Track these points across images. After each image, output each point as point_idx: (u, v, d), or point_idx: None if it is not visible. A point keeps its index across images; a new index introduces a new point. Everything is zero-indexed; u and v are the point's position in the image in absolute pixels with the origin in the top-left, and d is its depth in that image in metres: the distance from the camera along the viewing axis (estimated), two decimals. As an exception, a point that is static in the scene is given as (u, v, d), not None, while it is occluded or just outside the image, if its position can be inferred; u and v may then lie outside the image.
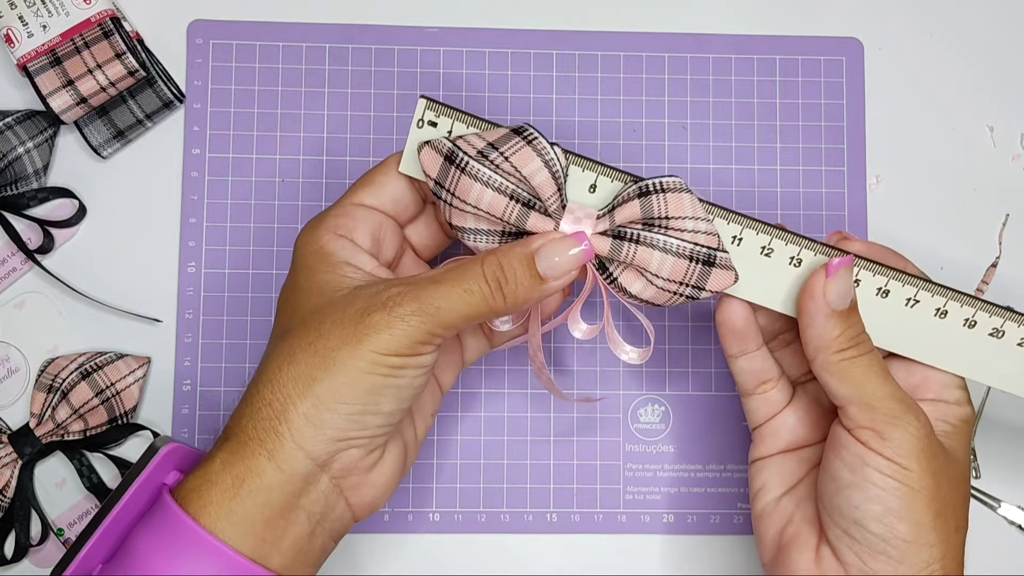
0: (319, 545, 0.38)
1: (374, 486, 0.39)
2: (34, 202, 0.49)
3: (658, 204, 0.38)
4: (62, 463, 0.49)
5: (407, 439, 0.41)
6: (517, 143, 0.38)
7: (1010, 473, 0.51)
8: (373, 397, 0.37)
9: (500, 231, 0.39)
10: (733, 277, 0.39)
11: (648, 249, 0.38)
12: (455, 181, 0.38)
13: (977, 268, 0.52)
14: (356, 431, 0.37)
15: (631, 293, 0.39)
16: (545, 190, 0.38)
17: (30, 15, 0.48)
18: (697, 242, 0.38)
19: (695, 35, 0.53)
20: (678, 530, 0.50)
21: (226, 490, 0.36)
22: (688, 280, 0.39)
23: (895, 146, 0.53)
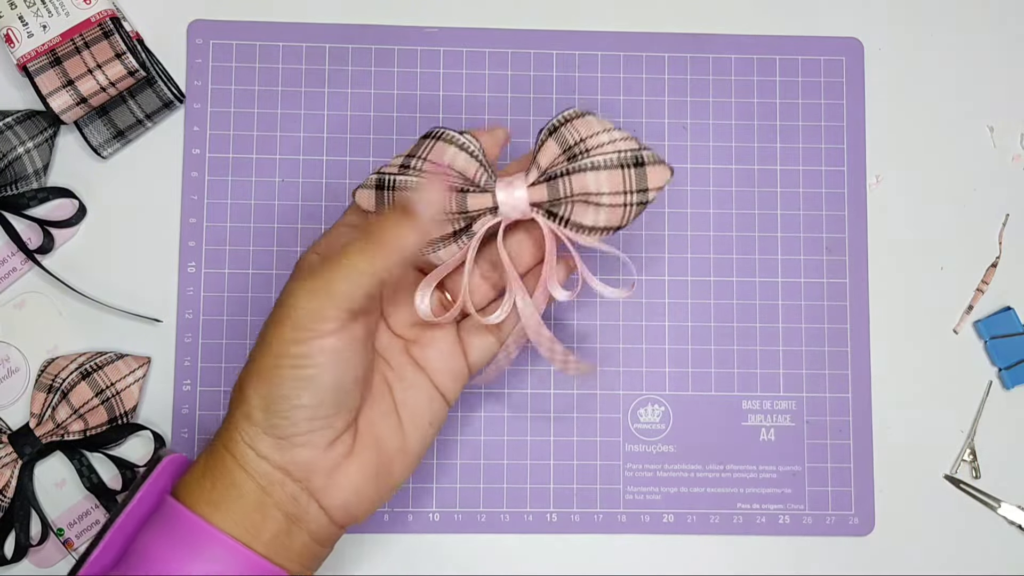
0: (300, 544, 0.39)
1: (342, 489, 0.39)
2: (34, 202, 0.49)
3: (569, 133, 0.40)
4: (62, 463, 0.49)
5: (387, 445, 0.40)
6: (428, 143, 0.40)
7: (1010, 473, 0.51)
8: (287, 390, 0.37)
9: (451, 230, 0.40)
10: (669, 171, 0.40)
11: (581, 175, 0.39)
12: (391, 200, 0.39)
13: (977, 268, 0.52)
14: (287, 427, 0.37)
15: (588, 226, 0.40)
16: (469, 170, 0.39)
17: (30, 15, 0.48)
18: (619, 149, 0.39)
19: (695, 35, 0.53)
20: (678, 530, 0.50)
21: (207, 487, 0.38)
22: (629, 187, 0.39)
23: (895, 146, 0.53)
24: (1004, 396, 0.52)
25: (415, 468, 0.42)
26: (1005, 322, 0.51)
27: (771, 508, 0.50)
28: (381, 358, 0.42)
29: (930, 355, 0.52)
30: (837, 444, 0.51)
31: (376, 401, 0.41)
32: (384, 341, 0.42)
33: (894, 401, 0.51)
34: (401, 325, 0.42)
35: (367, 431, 0.40)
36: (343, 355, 0.37)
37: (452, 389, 0.42)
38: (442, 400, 0.42)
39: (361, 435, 0.39)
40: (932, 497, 0.51)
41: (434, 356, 0.42)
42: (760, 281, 0.51)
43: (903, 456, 0.51)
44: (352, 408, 0.39)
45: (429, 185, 0.39)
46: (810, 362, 0.51)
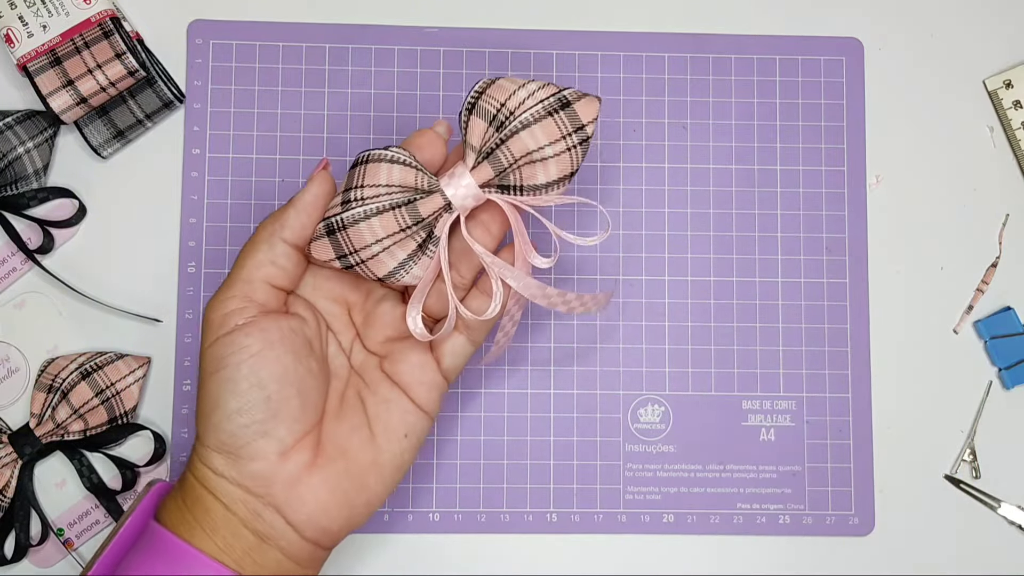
0: (273, 562, 0.39)
1: (306, 503, 0.39)
2: (34, 202, 0.49)
3: (488, 104, 0.39)
4: (62, 463, 0.49)
5: (357, 459, 0.40)
6: (360, 169, 0.40)
7: (1010, 473, 0.51)
8: (213, 397, 0.38)
9: (415, 245, 0.40)
10: (596, 100, 0.40)
11: (515, 137, 0.39)
12: (347, 240, 0.39)
13: (977, 268, 0.52)
14: (227, 438, 0.38)
15: (543, 184, 0.39)
16: (408, 179, 0.39)
17: (30, 15, 0.48)
18: (540, 99, 0.39)
19: (695, 35, 0.53)
20: (678, 530, 0.50)
21: (182, 510, 0.39)
22: (565, 130, 0.39)
23: (895, 146, 0.53)
24: (1004, 396, 0.52)
25: (395, 482, 0.41)
26: (1005, 322, 0.51)
27: (771, 508, 0.50)
28: (357, 375, 0.42)
29: (930, 355, 0.52)
30: (837, 444, 0.51)
31: (346, 416, 0.41)
32: (360, 359, 0.42)
33: (894, 401, 0.51)
34: (374, 342, 0.42)
35: (332, 444, 0.40)
36: (253, 350, 0.38)
37: (429, 400, 0.42)
38: (419, 412, 0.42)
39: (325, 448, 0.40)
40: (932, 497, 0.51)
41: (406, 370, 0.42)
42: (760, 281, 0.51)
43: (903, 456, 0.51)
44: (294, 417, 0.39)
45: (313, 179, 0.40)
46: (810, 362, 0.51)
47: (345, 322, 0.43)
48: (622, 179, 0.52)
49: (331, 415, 0.41)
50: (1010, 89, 0.52)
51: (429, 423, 0.42)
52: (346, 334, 0.43)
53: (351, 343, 0.43)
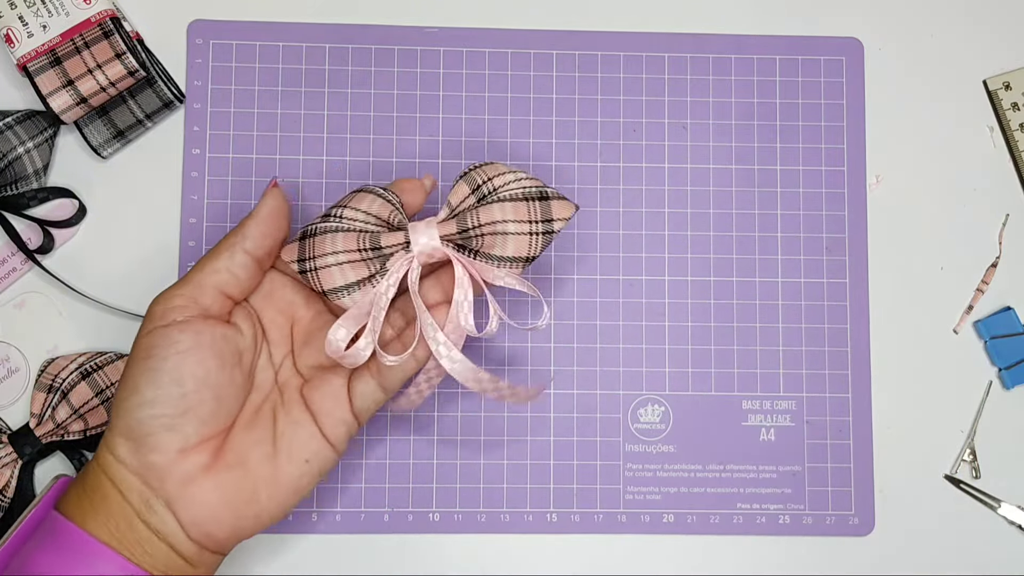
0: (163, 555, 0.40)
1: (195, 504, 0.39)
2: (34, 202, 0.49)
3: (479, 175, 0.42)
4: (62, 463, 0.49)
5: (255, 471, 0.41)
6: (352, 195, 0.42)
7: (1010, 473, 0.51)
8: (132, 383, 0.39)
9: (366, 273, 0.41)
10: (573, 206, 0.42)
11: (487, 207, 0.41)
12: (311, 246, 0.41)
13: (977, 268, 0.52)
14: (135, 425, 0.39)
15: (497, 256, 0.41)
16: (384, 212, 0.42)
17: (30, 15, 0.48)
18: (523, 186, 0.42)
19: (695, 35, 0.53)
20: (678, 530, 0.50)
21: (81, 498, 0.40)
22: (534, 217, 0.41)
23: (895, 146, 0.53)
24: (1004, 396, 0.52)
25: (289, 504, 0.42)
26: (1005, 322, 0.51)
27: (771, 508, 0.50)
28: (277, 391, 0.43)
29: (930, 355, 0.52)
30: (837, 444, 0.51)
31: (254, 427, 0.42)
32: (285, 376, 0.43)
33: (894, 401, 0.51)
34: (304, 365, 0.43)
35: (233, 454, 0.41)
36: (182, 348, 0.39)
37: (336, 434, 0.42)
38: (325, 443, 0.42)
39: (226, 455, 0.40)
40: (932, 497, 0.51)
41: (318, 398, 0.42)
42: (760, 281, 0.51)
43: (903, 456, 0.51)
44: (203, 420, 0.40)
45: (266, 194, 0.43)
46: (810, 362, 0.51)
47: (284, 336, 0.44)
48: (622, 179, 0.52)
49: (241, 424, 0.42)
50: (1009, 91, 0.52)
51: (334, 456, 0.42)
52: (281, 348, 0.43)
53: (282, 358, 0.43)
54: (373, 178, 0.51)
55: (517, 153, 0.51)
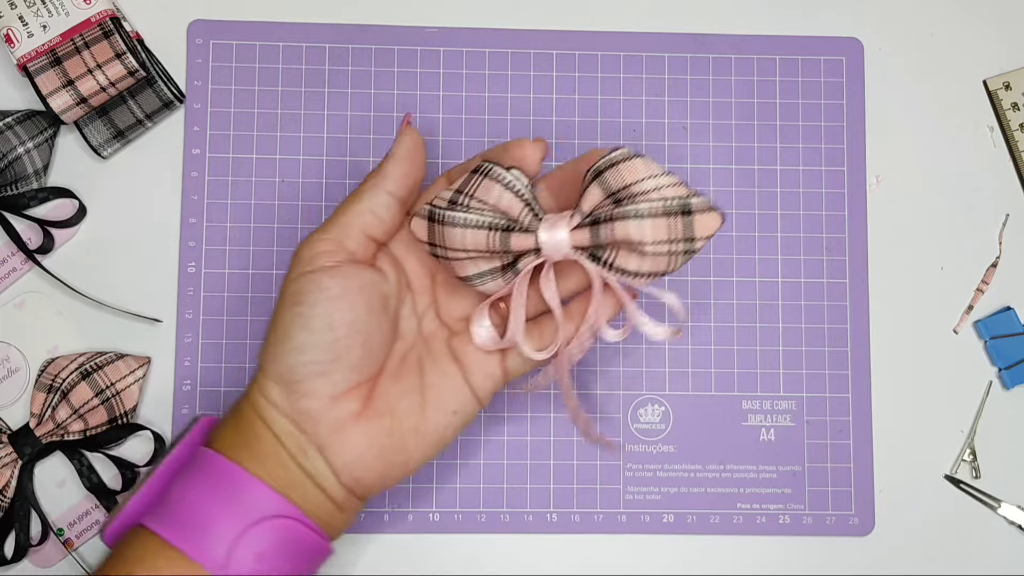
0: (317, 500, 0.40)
1: (346, 450, 0.40)
2: (34, 202, 0.49)
3: (614, 178, 0.38)
4: (62, 463, 0.49)
5: (403, 421, 0.41)
6: (476, 180, 0.40)
7: (1010, 473, 0.51)
8: (285, 329, 0.40)
9: (498, 265, 0.40)
10: (719, 218, 0.38)
11: (623, 222, 0.38)
12: (441, 235, 0.40)
13: (977, 268, 0.52)
14: (288, 371, 0.39)
15: (632, 271, 0.39)
16: (513, 209, 0.39)
17: (30, 15, 0.48)
18: (665, 197, 0.38)
19: (695, 35, 0.53)
20: (678, 530, 0.50)
21: (234, 438, 0.40)
22: (675, 236, 0.38)
23: (895, 146, 0.53)
24: (1004, 396, 0.52)
25: (434, 453, 0.42)
26: (1005, 322, 0.51)
27: (771, 508, 0.50)
28: (423, 341, 0.43)
29: (930, 355, 0.52)
30: (837, 444, 0.51)
31: (402, 377, 0.42)
32: (431, 327, 0.43)
33: (894, 401, 0.51)
34: (449, 316, 0.43)
35: (383, 401, 0.41)
36: (332, 293, 0.39)
37: (484, 388, 0.42)
38: (472, 395, 0.42)
39: (375, 403, 0.41)
40: (932, 497, 0.51)
41: (472, 351, 0.42)
42: (760, 281, 0.51)
43: (903, 456, 0.51)
44: (352, 366, 0.40)
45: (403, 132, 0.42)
46: (810, 362, 0.51)
47: (426, 286, 0.43)
48: (622, 179, 0.52)
49: (388, 374, 0.42)
50: (1009, 91, 0.52)
51: (478, 408, 0.43)
52: (423, 298, 0.43)
53: (425, 308, 0.43)
54: (373, 178, 0.51)
55: (517, 153, 0.51)
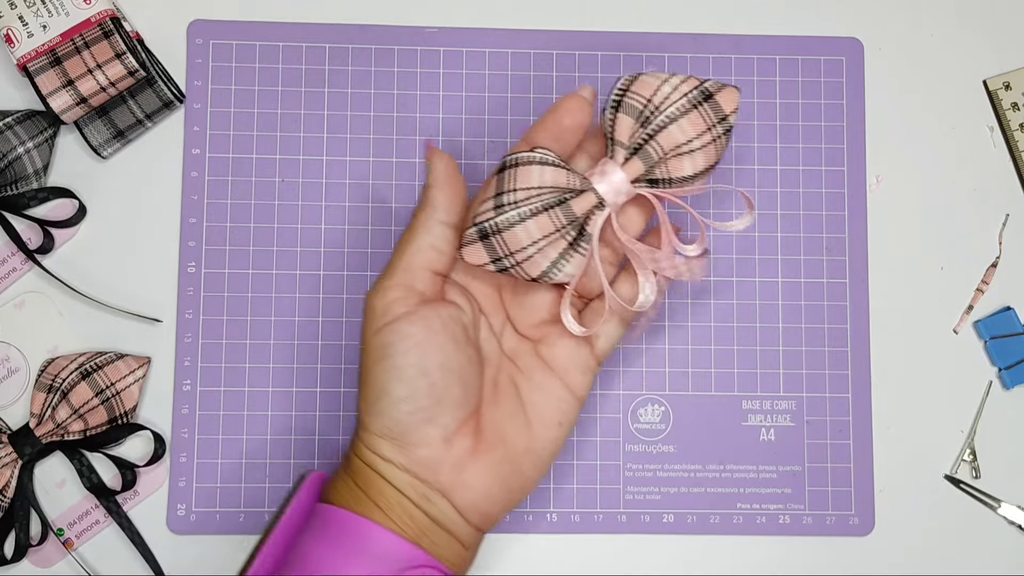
0: (445, 543, 0.40)
1: (470, 489, 0.40)
2: (34, 202, 0.49)
3: (633, 100, 0.40)
4: (62, 463, 0.49)
5: (514, 445, 0.41)
6: (509, 173, 0.40)
7: (1010, 473, 0.51)
8: (380, 385, 0.39)
9: (566, 243, 0.40)
10: (735, 90, 0.40)
11: (664, 132, 0.40)
12: (502, 243, 0.39)
13: (977, 268, 0.52)
14: (394, 425, 0.39)
15: (690, 175, 0.40)
16: (560, 179, 0.39)
17: (30, 15, 0.48)
18: (683, 92, 0.40)
19: (695, 35, 0.53)
20: (678, 530, 0.50)
21: (356, 493, 0.40)
22: (710, 121, 0.40)
23: (895, 146, 0.53)
24: (1004, 396, 0.52)
25: (547, 469, 0.42)
26: (1005, 322, 0.51)
27: (771, 508, 0.50)
28: (508, 359, 0.43)
29: (930, 355, 0.52)
30: (837, 444, 0.51)
31: (501, 401, 0.41)
32: (512, 343, 0.43)
33: (894, 401, 0.51)
34: (525, 326, 0.43)
35: (491, 431, 0.41)
36: (418, 339, 0.39)
37: (581, 383, 0.42)
38: (571, 398, 0.42)
39: (485, 435, 0.40)
40: (932, 497, 0.51)
41: (561, 353, 0.42)
42: (760, 281, 0.51)
43: (903, 456, 0.51)
44: (456, 404, 0.40)
45: (432, 158, 0.41)
46: (810, 362, 0.51)
47: (496, 303, 0.43)
48: (622, 179, 0.52)
49: (487, 402, 0.41)
50: (1009, 91, 0.52)
51: (580, 408, 0.43)
52: (496, 316, 0.43)
53: (502, 326, 0.43)
54: (373, 178, 0.51)
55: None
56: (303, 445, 0.50)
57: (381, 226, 0.51)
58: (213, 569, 0.49)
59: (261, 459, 0.50)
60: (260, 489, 0.49)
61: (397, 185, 0.51)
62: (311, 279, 0.50)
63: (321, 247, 0.51)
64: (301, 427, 0.50)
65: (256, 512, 0.49)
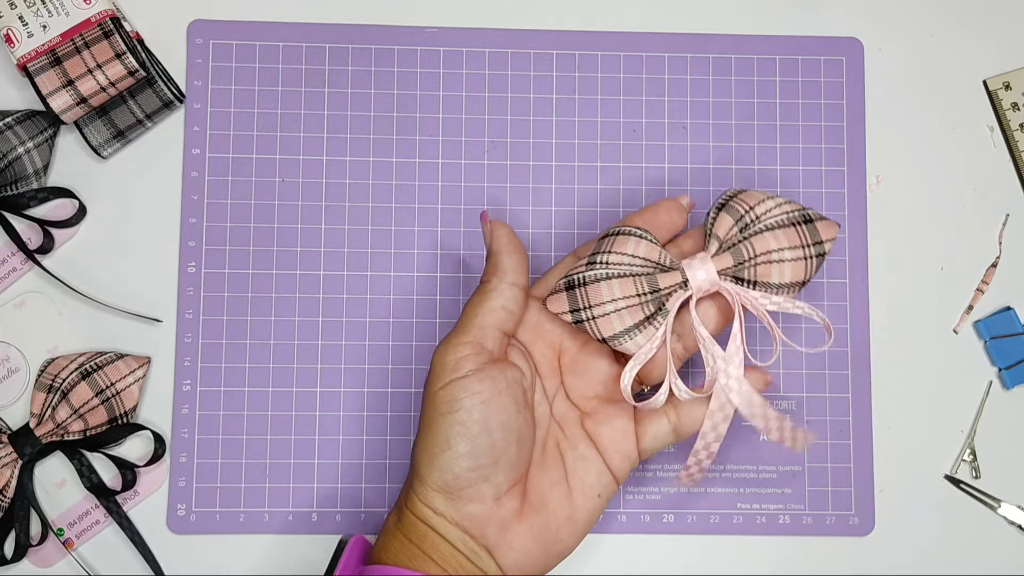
0: None
1: (514, 549, 0.40)
2: (34, 202, 0.49)
3: (739, 205, 0.42)
4: (62, 463, 0.49)
5: (556, 512, 0.42)
6: (610, 239, 0.42)
7: (1010, 473, 0.51)
8: (443, 438, 0.40)
9: (643, 316, 0.41)
10: (836, 224, 0.42)
11: (759, 236, 0.41)
12: (585, 296, 0.41)
13: (977, 268, 0.52)
14: (452, 479, 0.40)
15: (775, 283, 0.41)
16: (653, 254, 0.42)
17: (30, 15, 0.48)
18: (786, 211, 0.42)
19: (695, 35, 0.53)
20: (678, 530, 0.50)
21: (409, 548, 0.40)
22: (805, 241, 0.42)
23: (895, 146, 0.53)
24: (1004, 396, 0.52)
25: (583, 537, 0.43)
26: (1005, 322, 0.51)
27: (771, 508, 0.50)
28: (557, 425, 0.43)
29: (930, 355, 0.52)
30: (837, 444, 0.51)
31: (548, 468, 0.42)
32: (562, 409, 0.44)
33: (894, 401, 0.51)
34: (579, 396, 0.44)
35: (536, 495, 0.41)
36: (484, 397, 0.40)
37: (621, 468, 0.43)
38: (611, 476, 0.43)
39: (531, 498, 0.41)
40: (932, 497, 0.51)
41: (607, 433, 0.43)
42: (760, 281, 0.51)
43: (903, 456, 0.51)
44: (511, 464, 0.40)
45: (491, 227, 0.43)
46: (810, 362, 0.51)
47: (553, 368, 0.44)
48: (622, 179, 0.52)
49: (534, 464, 0.42)
50: (1009, 91, 0.52)
51: (616, 489, 0.43)
52: (552, 380, 0.44)
53: (555, 391, 0.44)
54: (373, 178, 0.51)
55: (517, 153, 0.51)
56: (303, 445, 0.50)
57: (381, 226, 0.51)
58: (213, 569, 0.49)
59: (261, 459, 0.50)
60: (260, 489, 0.49)
61: (397, 185, 0.51)
62: (311, 279, 0.50)
63: (321, 247, 0.51)
64: (301, 427, 0.50)
65: (256, 512, 0.49)
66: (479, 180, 0.51)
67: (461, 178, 0.51)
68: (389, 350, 0.50)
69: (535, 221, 0.51)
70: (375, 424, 0.50)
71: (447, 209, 0.51)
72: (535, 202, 0.51)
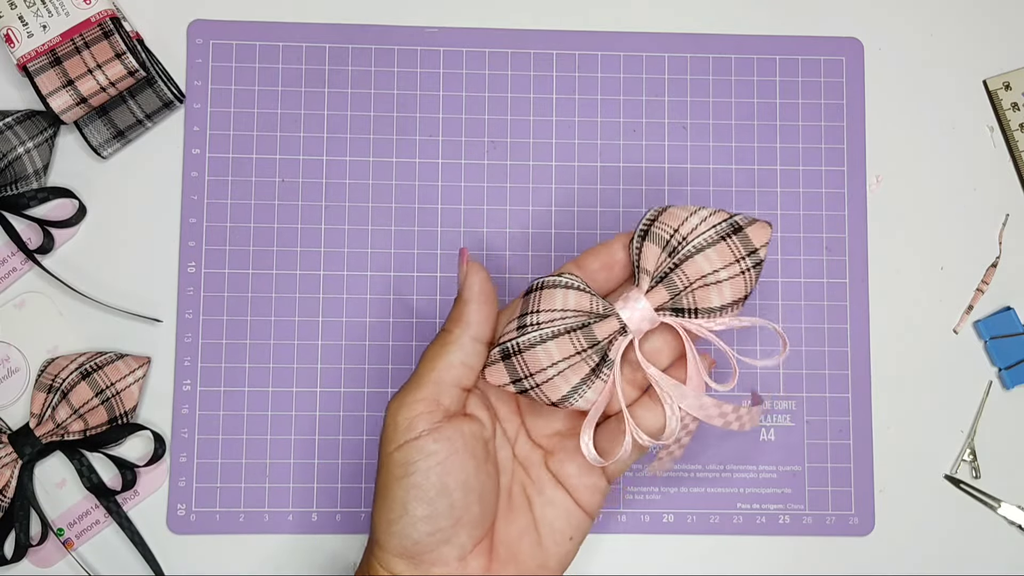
0: None
1: None
2: (34, 202, 0.49)
3: (660, 230, 0.39)
4: (62, 463, 0.49)
5: (526, 562, 0.40)
6: (535, 296, 0.39)
7: (1010, 473, 0.51)
8: (399, 502, 0.38)
9: (588, 369, 0.39)
10: (767, 225, 0.40)
11: (690, 261, 0.39)
12: (523, 364, 0.39)
13: (977, 268, 0.52)
14: (411, 544, 0.38)
15: (717, 306, 0.39)
16: (583, 303, 0.39)
17: (30, 15, 0.48)
18: (712, 224, 0.39)
19: (695, 35, 0.53)
20: (678, 530, 0.50)
21: None
22: (739, 254, 0.39)
23: (895, 146, 0.53)
24: (1004, 396, 0.52)
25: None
26: (1005, 322, 0.51)
27: (771, 508, 0.50)
28: (521, 468, 0.42)
29: (930, 355, 0.52)
30: (837, 444, 0.51)
31: (515, 518, 0.41)
32: (524, 451, 0.42)
33: (894, 401, 0.51)
34: (540, 435, 0.42)
35: (504, 548, 0.40)
36: (440, 457, 0.38)
37: (592, 503, 0.41)
38: (583, 514, 0.41)
39: (498, 552, 0.40)
40: (932, 497, 0.51)
41: (572, 470, 0.41)
42: (760, 281, 0.51)
43: (903, 456, 0.51)
44: (474, 523, 0.39)
45: (466, 270, 0.40)
46: (810, 362, 0.51)
47: (512, 409, 0.42)
48: (622, 179, 0.52)
49: (500, 514, 0.41)
50: (1009, 91, 0.52)
51: (591, 524, 0.42)
52: (512, 422, 0.42)
53: (516, 432, 0.42)
54: (373, 178, 0.51)
55: (517, 153, 0.51)
56: (303, 445, 0.50)
57: (381, 226, 0.51)
58: (213, 569, 0.49)
59: (261, 459, 0.50)
60: (260, 489, 0.49)
61: (397, 185, 0.51)
62: (311, 279, 0.50)
63: (321, 247, 0.51)
64: (301, 427, 0.50)
65: (256, 512, 0.49)
66: (479, 180, 0.51)
67: (461, 178, 0.51)
68: (389, 350, 0.50)
69: (535, 221, 0.51)
70: (375, 424, 0.50)
71: (447, 209, 0.51)
72: (535, 202, 0.51)
